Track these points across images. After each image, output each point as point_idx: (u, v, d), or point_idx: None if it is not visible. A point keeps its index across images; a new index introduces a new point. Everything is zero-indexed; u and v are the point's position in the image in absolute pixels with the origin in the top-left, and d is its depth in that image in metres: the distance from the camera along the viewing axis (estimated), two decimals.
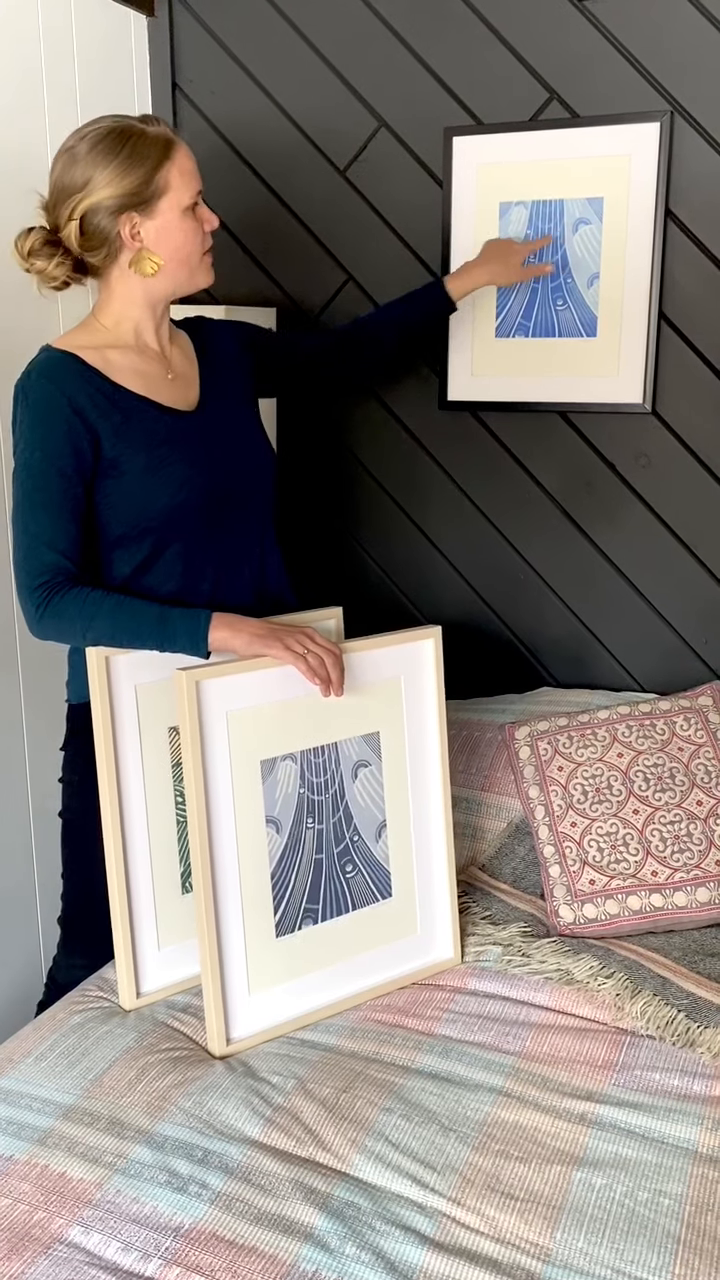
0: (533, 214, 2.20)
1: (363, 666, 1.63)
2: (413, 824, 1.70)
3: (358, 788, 1.65)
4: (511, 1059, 1.49)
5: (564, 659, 2.41)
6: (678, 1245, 1.19)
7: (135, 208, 1.56)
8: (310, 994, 1.60)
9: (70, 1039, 1.53)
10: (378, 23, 2.26)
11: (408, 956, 1.70)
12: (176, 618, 1.53)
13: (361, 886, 1.66)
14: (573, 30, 2.12)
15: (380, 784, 1.67)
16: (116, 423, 1.57)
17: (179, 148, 1.59)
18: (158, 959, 1.64)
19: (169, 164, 1.57)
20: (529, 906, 1.82)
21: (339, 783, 1.63)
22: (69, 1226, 1.22)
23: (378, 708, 1.66)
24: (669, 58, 2.07)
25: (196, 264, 1.65)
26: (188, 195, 1.59)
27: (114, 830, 1.59)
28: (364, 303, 2.39)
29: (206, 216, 1.64)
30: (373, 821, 1.67)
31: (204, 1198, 1.25)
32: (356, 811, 1.65)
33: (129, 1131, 1.35)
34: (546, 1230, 1.21)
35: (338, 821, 1.63)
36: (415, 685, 1.70)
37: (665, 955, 1.69)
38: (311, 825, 1.60)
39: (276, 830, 1.57)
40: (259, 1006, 1.56)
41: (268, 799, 1.56)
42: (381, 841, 1.67)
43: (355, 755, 1.64)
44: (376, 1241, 1.19)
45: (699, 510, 2.24)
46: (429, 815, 1.72)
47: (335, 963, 1.63)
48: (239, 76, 2.38)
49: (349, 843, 1.64)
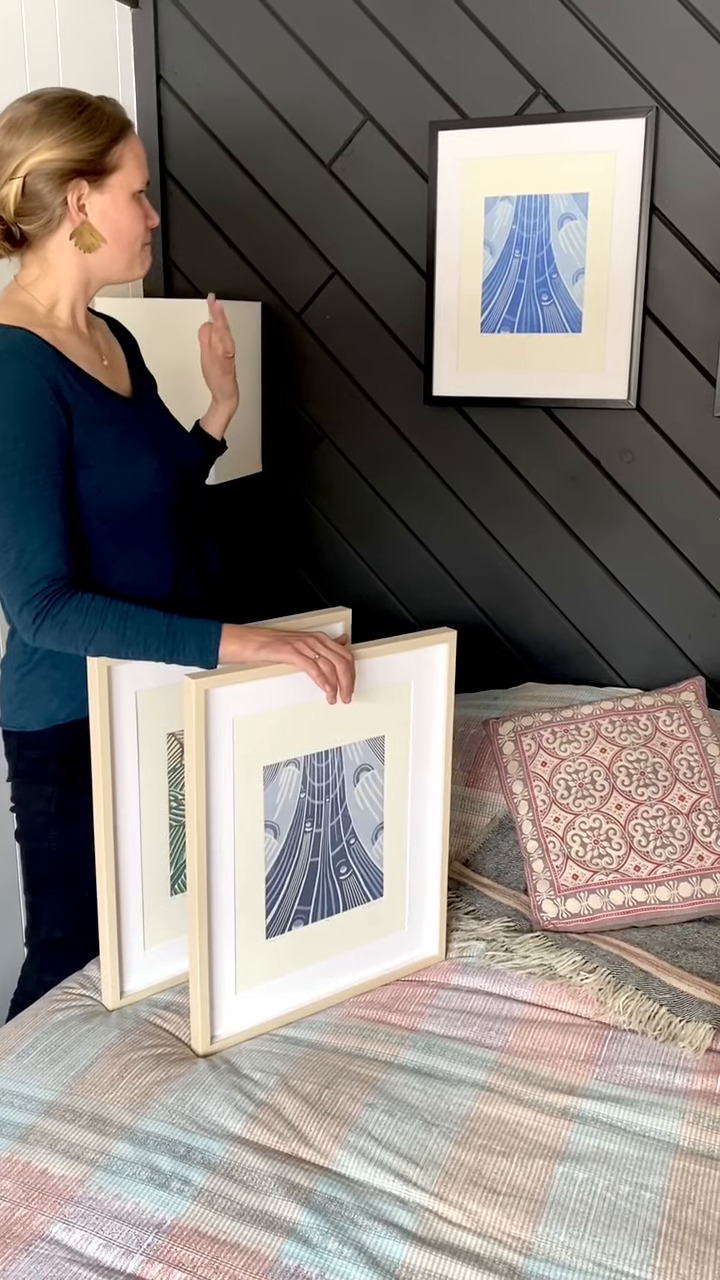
0: (518, 209, 2.20)
1: (373, 670, 1.59)
2: (409, 826, 1.69)
3: (359, 791, 1.63)
4: (494, 1054, 1.49)
5: (548, 654, 2.41)
6: (659, 1238, 1.19)
7: (85, 177, 1.48)
8: (295, 991, 1.60)
9: (52, 1036, 1.52)
10: (363, 16, 2.25)
11: (392, 953, 1.70)
12: (185, 630, 1.47)
13: (354, 887, 1.65)
14: (559, 25, 2.12)
15: (381, 787, 1.65)
16: (86, 408, 1.49)
17: (133, 132, 1.54)
18: (143, 959, 1.64)
19: (124, 144, 1.51)
20: (512, 901, 1.82)
21: (340, 787, 1.60)
22: (50, 1223, 1.21)
23: (384, 711, 1.62)
24: (654, 54, 2.07)
25: (137, 252, 1.58)
26: (138, 180, 1.54)
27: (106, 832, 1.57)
28: (349, 297, 2.38)
29: (149, 211, 1.58)
30: (370, 824, 1.65)
31: (186, 1194, 1.25)
32: (355, 815, 1.63)
33: (111, 1128, 1.35)
34: (529, 1224, 1.21)
35: (336, 825, 1.61)
36: (425, 689, 1.66)
37: (648, 950, 1.69)
38: (310, 829, 1.58)
39: (274, 835, 1.55)
40: (244, 1006, 1.56)
41: (268, 804, 1.53)
42: (377, 843, 1.66)
43: (359, 760, 1.62)
44: (359, 1236, 1.19)
45: (683, 506, 2.24)
46: (426, 817, 1.71)
47: (321, 960, 1.63)
48: (224, 69, 2.37)
49: (345, 845, 1.63)
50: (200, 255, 2.48)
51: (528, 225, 2.20)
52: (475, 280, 2.26)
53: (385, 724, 1.63)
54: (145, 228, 1.58)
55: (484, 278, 2.26)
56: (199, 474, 1.76)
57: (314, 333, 2.43)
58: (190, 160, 2.45)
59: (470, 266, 2.26)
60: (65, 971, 1.71)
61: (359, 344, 2.40)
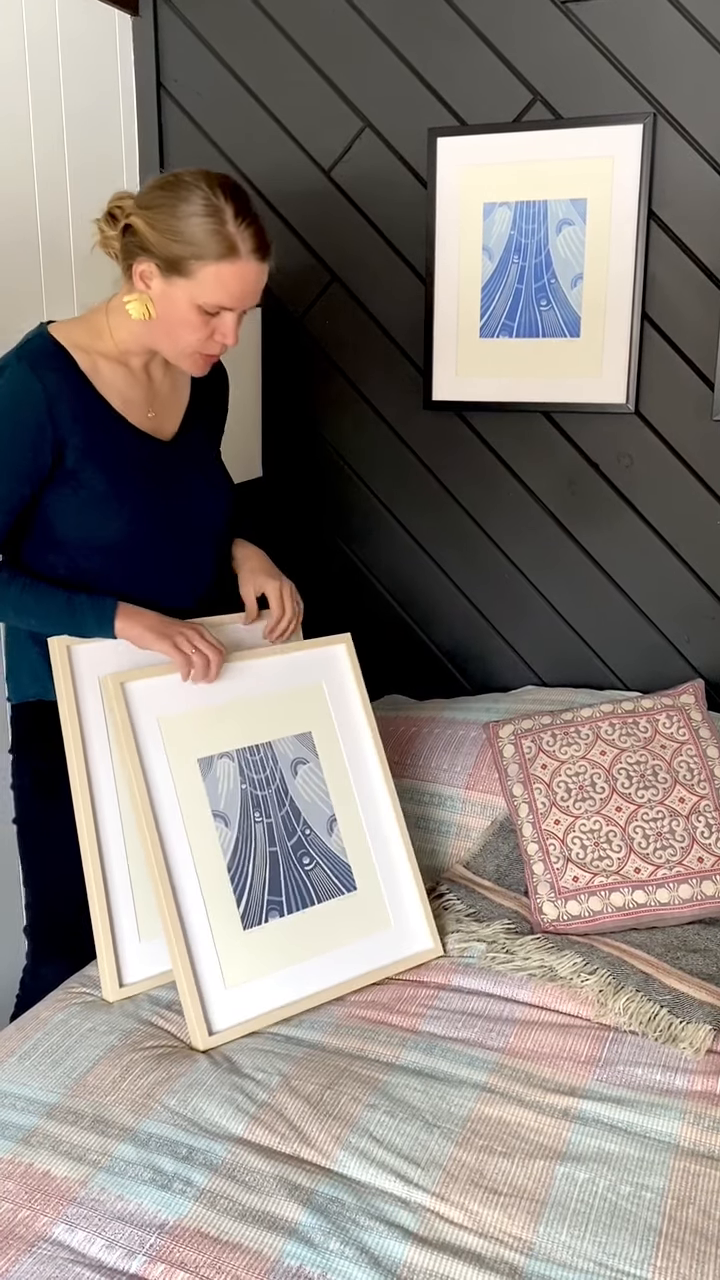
0: (516, 215, 2.21)
1: (281, 671, 1.75)
2: (364, 818, 1.76)
3: (300, 784, 1.72)
4: (495, 1055, 1.49)
5: (547, 657, 2.42)
6: (659, 1238, 1.20)
7: (157, 263, 1.49)
8: (290, 986, 1.61)
9: (54, 1037, 1.52)
10: (363, 24, 2.26)
11: (385, 950, 1.71)
12: (83, 604, 1.58)
13: (322, 879, 1.70)
14: (556, 32, 2.13)
15: (322, 780, 1.74)
16: (87, 435, 1.54)
17: (238, 261, 1.47)
18: (138, 950, 1.65)
19: (214, 265, 1.46)
20: (513, 904, 1.83)
21: (280, 779, 1.70)
22: (53, 1224, 1.22)
23: (305, 709, 1.76)
24: (652, 60, 2.09)
25: (183, 354, 1.56)
26: (211, 301, 1.49)
27: (88, 822, 1.59)
28: (349, 302, 2.39)
29: (224, 330, 1.53)
30: (322, 816, 1.73)
31: (188, 1195, 1.25)
32: (303, 806, 1.71)
33: (113, 1129, 1.35)
34: (530, 1224, 1.22)
35: (285, 815, 1.68)
36: (336, 688, 1.80)
37: (648, 951, 1.69)
38: (260, 819, 1.66)
39: (225, 824, 1.63)
40: (237, 999, 1.57)
41: (211, 794, 1.62)
42: (335, 835, 1.73)
43: (291, 753, 1.72)
44: (360, 1237, 1.20)
45: (681, 509, 2.25)
46: (377, 809, 1.78)
47: (311, 956, 1.64)
48: (224, 77, 2.38)
49: (301, 835, 1.69)
50: None
51: (526, 231, 2.22)
52: (474, 285, 2.27)
53: (309, 720, 1.76)
54: (204, 339, 1.53)
55: (483, 283, 2.27)
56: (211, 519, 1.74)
57: (314, 338, 2.44)
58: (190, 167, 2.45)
59: (469, 272, 2.27)
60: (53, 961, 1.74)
61: (358, 349, 2.41)
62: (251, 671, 1.72)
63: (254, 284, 1.52)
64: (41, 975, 1.76)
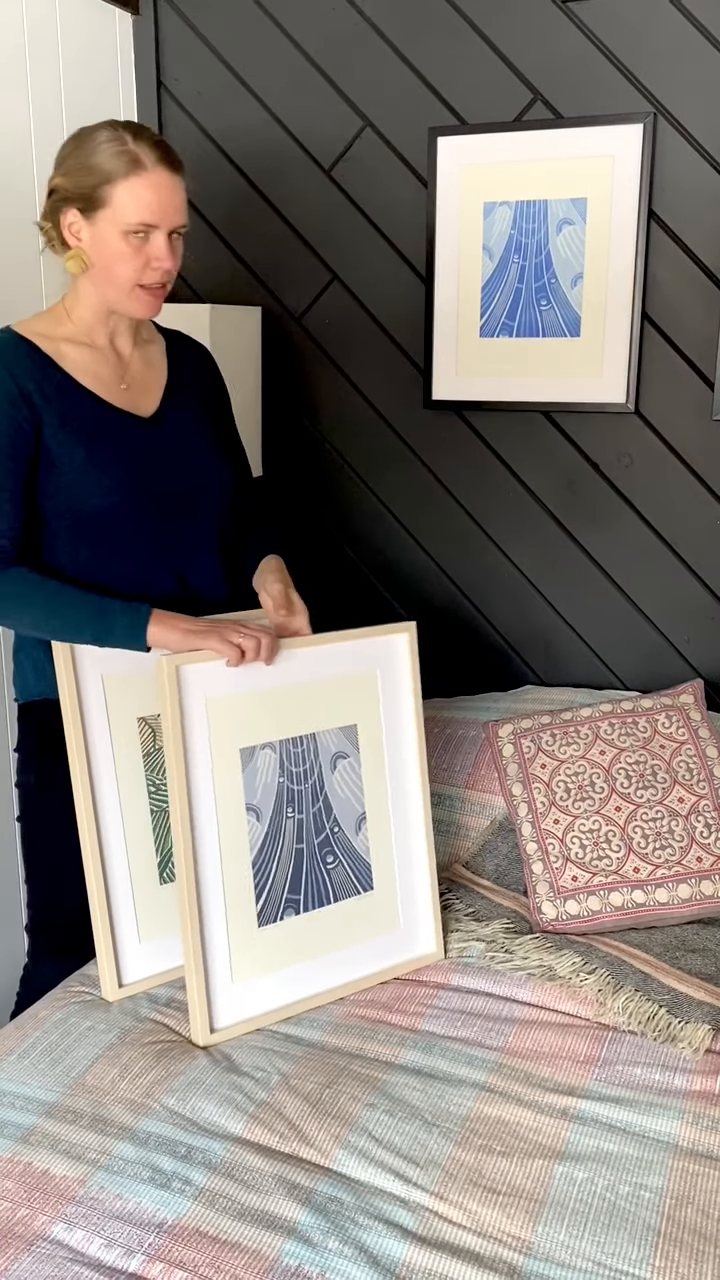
0: (517, 214, 2.21)
1: (338, 659, 1.66)
2: (392, 817, 1.73)
3: (337, 779, 1.67)
4: (494, 1054, 1.49)
5: (547, 657, 2.42)
6: (658, 1238, 1.20)
7: (78, 207, 1.54)
8: (293, 985, 1.61)
9: (52, 1036, 1.52)
10: (363, 23, 2.26)
11: (391, 951, 1.70)
12: (116, 610, 1.53)
13: (342, 878, 1.67)
14: (557, 32, 2.13)
15: (359, 776, 1.70)
16: (60, 412, 1.56)
17: (146, 172, 1.51)
18: (138, 950, 1.65)
19: (124, 182, 1.50)
20: (512, 903, 1.83)
21: (318, 773, 1.65)
22: (52, 1223, 1.22)
23: (354, 700, 1.69)
24: (652, 60, 2.09)
25: (125, 290, 1.57)
26: (132, 220, 1.52)
27: (89, 821, 1.59)
28: (349, 301, 2.39)
29: (156, 252, 1.54)
30: (352, 813, 1.69)
31: (187, 1194, 1.25)
32: (336, 803, 1.67)
33: (112, 1128, 1.35)
34: (528, 1224, 1.22)
35: (318, 812, 1.65)
36: (390, 679, 1.72)
37: (647, 951, 1.70)
38: (292, 815, 1.63)
39: (257, 818, 1.59)
40: (242, 996, 1.57)
41: (248, 787, 1.58)
42: (362, 834, 1.70)
43: (334, 746, 1.67)
44: (359, 1236, 1.20)
45: (681, 509, 2.25)
46: (408, 809, 1.74)
47: (318, 955, 1.64)
48: (224, 76, 2.38)
49: (329, 833, 1.66)
50: (201, 261, 2.48)
51: (526, 230, 2.21)
52: (474, 285, 2.27)
53: (356, 712, 1.69)
54: (140, 269, 1.55)
55: (483, 282, 2.27)
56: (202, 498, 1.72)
57: (314, 337, 2.44)
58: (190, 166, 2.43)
59: (469, 271, 2.27)
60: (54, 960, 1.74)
61: (358, 348, 2.41)
62: (305, 658, 1.64)
63: (168, 194, 1.54)
64: (42, 974, 1.76)
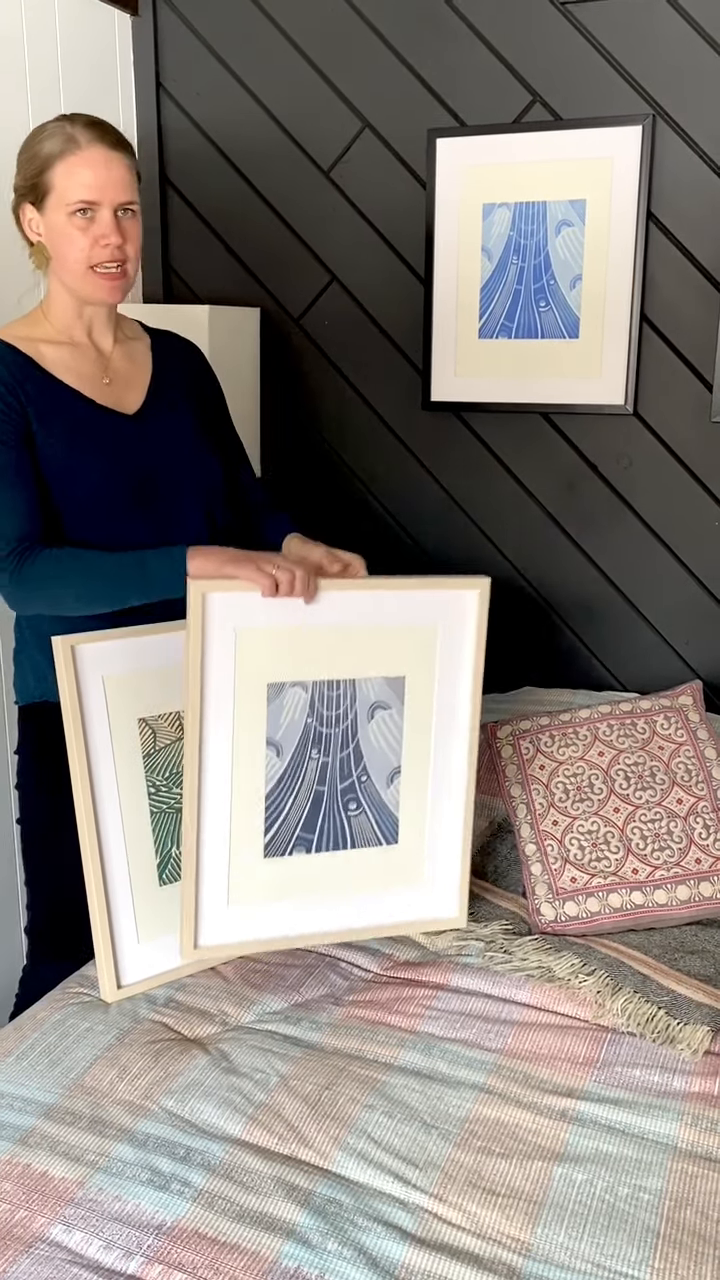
0: (515, 216, 2.21)
1: (394, 608, 1.57)
2: (433, 777, 1.65)
3: (373, 729, 1.61)
4: (493, 1056, 1.49)
5: (545, 658, 2.42)
6: (657, 1239, 1.20)
7: (31, 200, 1.57)
8: (295, 916, 1.60)
9: (51, 1037, 1.52)
10: (362, 24, 2.26)
11: (407, 907, 1.66)
12: (153, 557, 1.54)
13: (364, 827, 1.64)
14: (556, 34, 2.13)
15: (399, 729, 1.62)
16: (42, 410, 1.58)
17: (81, 151, 1.52)
18: (137, 951, 1.64)
19: (61, 163, 1.53)
20: (511, 904, 1.83)
21: (352, 720, 1.59)
22: (51, 1225, 1.21)
23: (407, 652, 1.59)
24: (651, 62, 2.09)
25: (80, 274, 1.57)
26: (72, 199, 1.53)
27: (88, 823, 1.59)
28: (348, 303, 2.39)
29: (102, 230, 1.54)
30: (385, 765, 1.63)
31: (186, 1195, 1.25)
32: (369, 752, 1.61)
33: (110, 1130, 1.35)
34: (527, 1225, 1.22)
35: (346, 758, 1.60)
36: (452, 636, 1.61)
37: (645, 953, 1.69)
38: (317, 756, 1.59)
39: (277, 754, 1.56)
40: (236, 918, 1.57)
41: (271, 721, 1.54)
42: (393, 787, 1.64)
43: (374, 696, 1.60)
44: (358, 1238, 1.20)
45: (680, 511, 2.25)
46: (450, 770, 1.66)
47: (328, 895, 1.61)
48: (223, 76, 2.38)
49: (355, 781, 1.62)
50: (199, 262, 2.49)
51: (525, 232, 2.22)
52: (473, 286, 2.27)
53: (406, 665, 1.59)
54: (88, 249, 1.55)
55: (482, 284, 2.27)
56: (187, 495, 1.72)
57: (313, 339, 2.44)
58: (190, 168, 2.46)
59: (468, 272, 2.27)
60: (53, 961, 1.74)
61: (357, 350, 2.42)
62: (356, 602, 1.56)
63: (105, 170, 1.54)
64: (41, 975, 1.76)
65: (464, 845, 1.68)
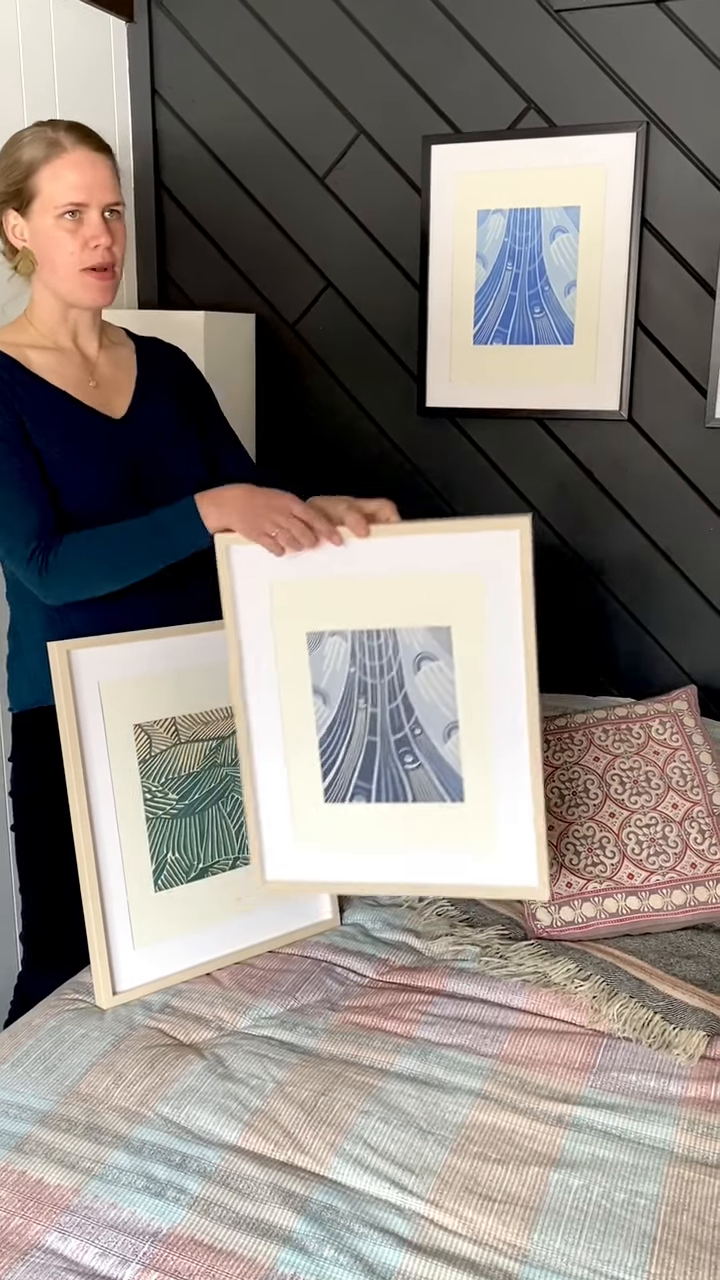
0: (510, 222, 2.22)
1: (430, 554, 1.53)
2: (494, 734, 1.57)
3: (420, 681, 1.57)
4: (489, 1061, 1.49)
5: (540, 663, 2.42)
6: (654, 1245, 1.19)
7: (14, 207, 1.57)
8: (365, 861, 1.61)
9: (46, 1044, 1.52)
10: (357, 31, 2.27)
11: (482, 871, 1.61)
12: (167, 519, 1.54)
13: (423, 781, 1.60)
14: (551, 41, 2.14)
15: (450, 682, 1.57)
16: (32, 409, 1.59)
17: (65, 154, 1.54)
18: (132, 957, 1.64)
19: (46, 167, 1.53)
20: (506, 909, 1.83)
21: (397, 670, 1.57)
22: (46, 1232, 1.21)
23: (450, 600, 1.54)
24: (645, 69, 2.10)
25: (70, 277, 1.58)
26: (60, 202, 1.54)
27: (84, 829, 1.59)
28: (343, 309, 2.40)
29: (91, 231, 1.56)
30: (440, 720, 1.58)
31: (182, 1202, 1.25)
32: (418, 704, 1.58)
33: (106, 1137, 1.35)
34: (524, 1231, 1.21)
35: (395, 710, 1.58)
36: (498, 581, 1.53)
37: (641, 958, 1.70)
38: (364, 706, 1.58)
39: (324, 701, 1.59)
40: (305, 858, 1.61)
41: (315, 670, 1.58)
42: (451, 743, 1.59)
43: (418, 646, 1.56)
44: (355, 1244, 1.19)
45: (674, 516, 2.26)
46: (514, 727, 1.57)
47: (393, 843, 1.61)
48: (219, 83, 2.39)
49: (409, 734, 1.59)
50: (195, 268, 2.49)
51: (520, 238, 2.22)
52: (468, 292, 2.28)
53: (451, 614, 1.54)
54: (78, 251, 1.56)
55: (476, 290, 2.28)
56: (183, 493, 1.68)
57: (308, 344, 2.45)
58: (185, 174, 2.46)
59: (463, 279, 2.28)
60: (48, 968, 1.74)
61: (352, 355, 2.42)
62: (391, 549, 1.53)
63: (91, 172, 1.55)
64: (37, 982, 1.76)
65: (535, 808, 1.58)
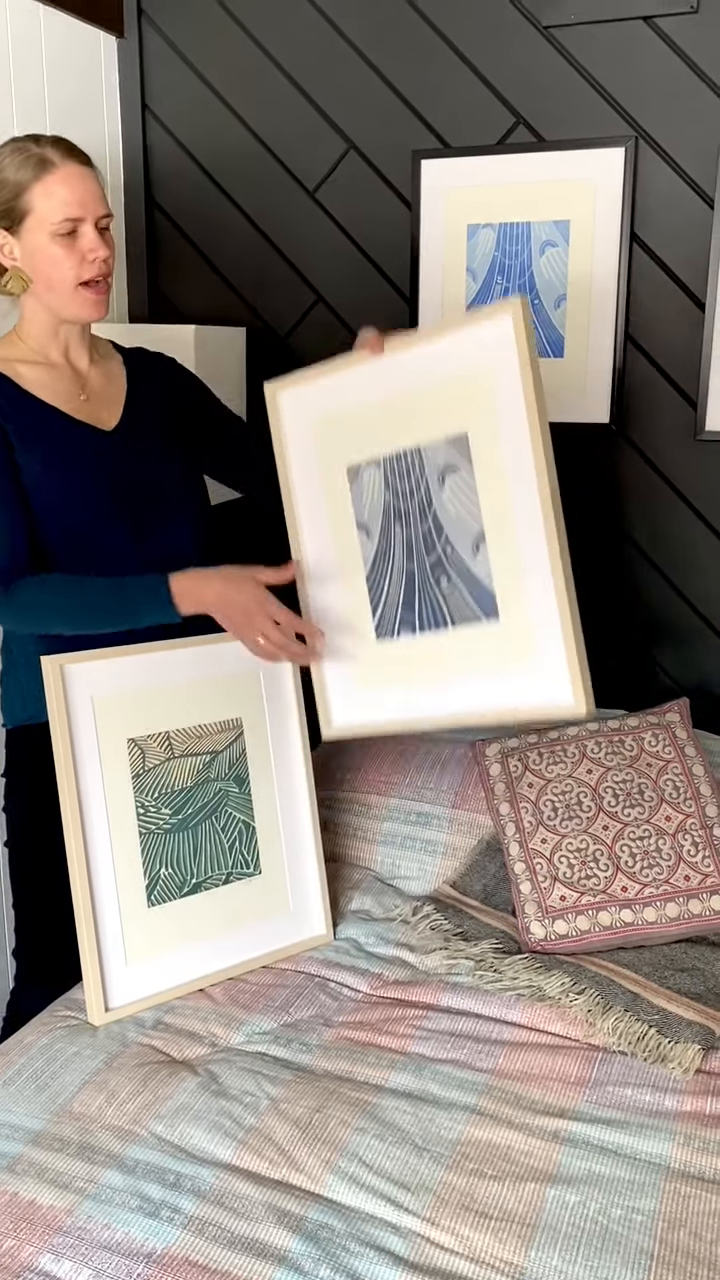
0: (500, 236, 2.23)
1: (435, 361, 1.52)
2: (520, 541, 1.51)
3: (447, 495, 1.55)
4: (484, 1077, 1.49)
5: None
6: (651, 1261, 1.19)
7: (4, 226, 1.57)
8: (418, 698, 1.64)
9: (38, 1062, 1.51)
10: (347, 46, 2.28)
11: (526, 691, 1.55)
12: (135, 592, 1.56)
13: (460, 603, 1.57)
14: (539, 57, 2.15)
15: (474, 490, 1.53)
16: (20, 423, 1.58)
17: (56, 170, 1.54)
18: (125, 973, 1.63)
19: (37, 185, 1.53)
20: (500, 923, 1.82)
21: (425, 489, 1.56)
22: (39, 1254, 1.20)
23: (461, 405, 1.52)
24: (633, 85, 2.11)
25: (68, 293, 1.59)
26: (56, 218, 1.54)
27: (77, 845, 1.58)
28: (334, 323, 2.40)
29: (87, 245, 1.56)
30: (467, 533, 1.55)
31: (176, 1222, 1.24)
32: (446, 520, 1.57)
33: (99, 1156, 1.34)
34: (521, 1248, 1.21)
35: (427, 530, 1.59)
36: (501, 376, 1.48)
37: (635, 971, 1.69)
38: (400, 532, 1.62)
39: (367, 535, 1.64)
40: (364, 701, 1.67)
41: (356, 504, 1.63)
42: (480, 555, 1.55)
43: (441, 459, 1.56)
44: (350, 1263, 1.19)
45: (665, 530, 2.26)
46: (534, 533, 1.50)
47: (441, 674, 1.61)
48: (208, 98, 2.39)
49: (441, 554, 1.58)
50: (185, 282, 2.49)
51: (510, 252, 2.23)
52: (458, 306, 2.29)
53: (465, 419, 1.52)
54: (76, 266, 1.57)
55: (467, 303, 2.28)
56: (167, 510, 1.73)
57: (299, 359, 2.44)
58: (175, 188, 2.47)
59: (453, 293, 2.28)
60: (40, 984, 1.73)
61: None
62: (401, 366, 1.54)
63: (83, 186, 1.56)
64: (29, 999, 1.75)
65: (562, 617, 1.50)
